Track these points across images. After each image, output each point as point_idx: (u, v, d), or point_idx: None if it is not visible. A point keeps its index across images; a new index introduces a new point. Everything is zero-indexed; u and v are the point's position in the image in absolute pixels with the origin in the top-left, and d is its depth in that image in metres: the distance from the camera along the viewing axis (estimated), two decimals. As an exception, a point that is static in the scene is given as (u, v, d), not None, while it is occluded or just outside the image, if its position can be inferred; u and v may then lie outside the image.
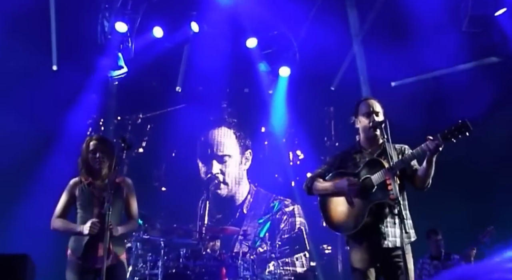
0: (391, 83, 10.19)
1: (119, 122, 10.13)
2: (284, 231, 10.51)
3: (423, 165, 4.09)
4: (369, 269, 4.24)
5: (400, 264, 4.05)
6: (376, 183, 4.19)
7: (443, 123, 4.00)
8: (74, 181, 4.91)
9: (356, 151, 4.52)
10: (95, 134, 5.12)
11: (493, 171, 8.99)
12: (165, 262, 7.10)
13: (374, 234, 4.19)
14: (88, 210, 4.75)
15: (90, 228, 4.56)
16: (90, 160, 4.82)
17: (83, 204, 4.79)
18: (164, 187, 10.44)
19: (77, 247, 4.68)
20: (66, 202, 4.87)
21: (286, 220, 10.64)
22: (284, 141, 11.31)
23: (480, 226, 7.33)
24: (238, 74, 10.59)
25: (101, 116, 9.73)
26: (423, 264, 7.55)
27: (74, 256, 4.68)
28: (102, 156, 4.82)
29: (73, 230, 4.73)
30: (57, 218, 4.84)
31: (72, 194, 4.85)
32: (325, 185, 4.47)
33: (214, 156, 10.91)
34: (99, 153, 4.81)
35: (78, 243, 4.69)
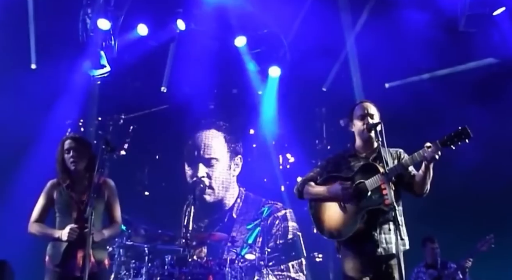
0: (385, 85, 10.24)
1: (100, 123, 10.01)
2: (277, 236, 10.48)
3: (421, 171, 4.10)
4: (361, 278, 4.24)
5: (394, 274, 4.07)
6: (370, 188, 4.20)
7: (439, 126, 4.03)
8: (51, 183, 4.84)
9: (350, 154, 4.53)
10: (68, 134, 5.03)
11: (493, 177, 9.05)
12: (149, 269, 7.03)
13: (368, 241, 4.20)
14: (66, 214, 4.68)
15: (68, 234, 4.50)
16: (66, 160, 4.77)
17: (62, 208, 4.72)
18: (147, 192, 10.32)
19: (55, 254, 4.61)
20: (44, 206, 4.79)
21: (278, 224, 10.61)
22: (274, 143, 11.30)
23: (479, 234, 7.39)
24: (226, 74, 10.57)
25: (81, 117, 9.63)
26: (418, 273, 7.58)
27: (52, 264, 4.62)
28: (77, 156, 4.74)
29: (51, 235, 4.66)
30: (34, 223, 4.75)
31: (49, 196, 4.78)
32: (318, 190, 4.48)
33: (201, 159, 10.84)
34: (74, 152, 4.74)
35: (56, 249, 4.62)
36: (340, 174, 4.45)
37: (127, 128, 10.25)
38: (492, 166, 8.98)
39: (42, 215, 4.81)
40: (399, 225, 3.78)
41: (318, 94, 10.73)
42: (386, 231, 4.20)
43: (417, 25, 8.70)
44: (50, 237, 4.68)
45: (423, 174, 4.09)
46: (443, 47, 8.84)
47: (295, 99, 11.06)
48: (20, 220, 5.21)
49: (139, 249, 7.37)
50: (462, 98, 8.46)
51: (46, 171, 5.12)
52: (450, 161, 4.04)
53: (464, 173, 8.51)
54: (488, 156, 8.81)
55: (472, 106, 8.38)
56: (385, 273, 4.18)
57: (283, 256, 9.72)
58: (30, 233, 4.79)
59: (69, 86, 9.12)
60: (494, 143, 8.77)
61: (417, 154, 4.04)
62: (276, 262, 9.22)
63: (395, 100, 9.11)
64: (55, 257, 4.62)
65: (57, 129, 8.43)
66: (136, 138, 10.25)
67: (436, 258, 7.54)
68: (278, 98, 10.78)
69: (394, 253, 3.98)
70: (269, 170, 11.09)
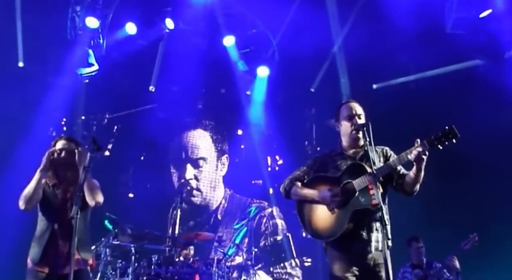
0: (373, 86, 10.25)
1: (83, 122, 9.91)
2: (267, 235, 10.44)
3: (413, 171, 4.09)
4: (348, 277, 4.22)
5: (380, 274, 4.06)
6: (358, 189, 4.17)
7: (427, 127, 4.01)
8: None
9: (336, 153, 4.51)
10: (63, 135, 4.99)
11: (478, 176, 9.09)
12: (135, 269, 7.00)
13: (355, 241, 4.18)
14: (49, 213, 4.64)
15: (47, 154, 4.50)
16: (56, 161, 4.74)
17: (45, 207, 4.67)
18: (131, 194, 10.20)
19: (37, 252, 4.55)
20: None
21: (266, 222, 10.57)
22: (262, 145, 11.26)
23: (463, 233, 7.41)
24: (214, 74, 10.54)
25: (65, 116, 9.50)
26: (404, 273, 7.57)
27: (33, 264, 4.56)
28: (68, 157, 4.71)
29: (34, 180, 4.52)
30: None
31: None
32: (305, 192, 4.44)
33: (189, 160, 10.77)
34: (66, 154, 4.71)
35: (38, 248, 4.56)
36: (327, 173, 4.43)
37: (111, 128, 10.16)
38: (476, 166, 9.02)
39: None
40: (385, 225, 3.76)
41: (307, 94, 10.71)
42: (373, 230, 4.18)
43: (405, 27, 8.71)
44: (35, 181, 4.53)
45: (414, 174, 4.07)
46: (431, 49, 8.86)
47: (283, 100, 11.06)
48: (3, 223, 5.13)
49: (125, 249, 7.31)
50: (449, 99, 8.48)
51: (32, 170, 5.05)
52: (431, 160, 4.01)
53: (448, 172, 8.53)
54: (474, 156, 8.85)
55: (459, 107, 8.41)
56: (372, 271, 4.17)
57: (272, 258, 9.66)
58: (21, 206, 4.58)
59: (57, 85, 9.04)
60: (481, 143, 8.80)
61: (405, 154, 4.03)
62: (265, 263, 9.13)
63: (383, 101, 9.14)
64: (36, 256, 4.55)
65: (44, 128, 8.34)
66: (120, 138, 10.14)
67: (421, 257, 7.53)
68: (266, 98, 10.76)
69: (381, 251, 3.95)
70: (258, 171, 11.04)
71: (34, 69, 8.82)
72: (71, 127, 9.46)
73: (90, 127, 9.89)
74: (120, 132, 10.25)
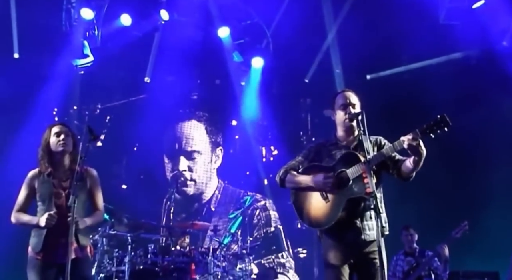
0: (367, 76, 10.27)
1: (75, 112, 9.85)
2: (260, 227, 10.44)
3: (409, 160, 4.11)
4: (343, 266, 4.25)
5: (375, 261, 4.08)
6: (352, 177, 4.20)
7: (420, 117, 4.03)
8: (32, 173, 4.81)
9: (331, 143, 4.53)
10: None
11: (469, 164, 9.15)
12: (132, 258, 7.03)
13: (349, 229, 4.21)
14: (48, 202, 4.66)
15: (47, 220, 4.48)
16: (53, 144, 4.74)
17: (43, 197, 4.70)
18: (124, 185, 10.15)
19: (37, 242, 4.60)
20: (26, 196, 4.78)
21: (259, 214, 10.58)
22: (257, 135, 11.26)
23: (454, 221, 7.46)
24: (209, 65, 10.52)
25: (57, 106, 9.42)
26: (397, 260, 7.63)
27: (34, 253, 4.61)
28: (67, 139, 4.76)
29: (30, 222, 4.66)
30: (16, 212, 4.76)
31: (31, 186, 4.76)
32: (300, 179, 4.47)
33: (182, 152, 10.72)
34: (65, 136, 4.76)
35: (38, 238, 4.61)
36: (321, 163, 4.45)
37: (103, 118, 10.09)
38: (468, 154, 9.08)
39: (24, 205, 4.80)
40: (379, 213, 3.79)
41: (301, 85, 10.69)
42: (368, 219, 4.22)
43: (399, 17, 8.72)
44: (30, 224, 4.67)
45: (411, 162, 4.09)
46: (424, 39, 8.86)
47: (278, 90, 11.05)
48: (3, 210, 5.15)
49: (122, 238, 7.33)
50: (443, 90, 8.49)
51: (28, 160, 5.06)
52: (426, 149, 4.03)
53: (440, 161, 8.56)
54: (467, 144, 8.90)
55: (453, 97, 8.44)
56: (366, 259, 4.20)
57: (263, 250, 9.67)
58: (13, 222, 4.79)
59: (52, 76, 9.00)
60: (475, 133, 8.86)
61: (397, 143, 4.05)
62: (256, 256, 9.15)
63: (377, 91, 9.15)
64: (36, 245, 4.61)
65: (39, 119, 8.30)
66: (113, 128, 10.07)
67: (412, 245, 7.60)
68: (261, 89, 10.74)
69: (375, 239, 3.99)
70: (252, 162, 11.02)
71: (29, 61, 8.77)
72: (63, 117, 9.38)
73: (82, 117, 9.82)
74: (113, 122, 10.17)
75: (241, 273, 7.68)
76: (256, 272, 8.30)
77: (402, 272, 7.48)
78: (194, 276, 7.15)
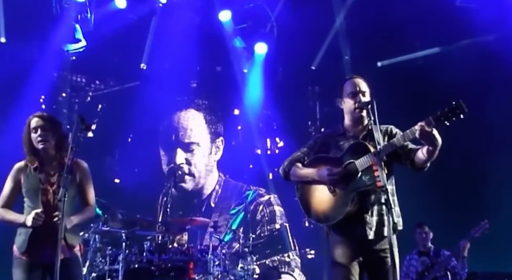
0: (378, 63, 10.22)
1: (65, 100, 9.79)
2: (264, 223, 10.40)
3: (422, 150, 4.07)
4: (352, 264, 4.21)
5: (386, 259, 4.05)
6: (360, 169, 4.15)
7: (435, 106, 3.98)
8: (18, 166, 4.75)
9: (339, 133, 4.49)
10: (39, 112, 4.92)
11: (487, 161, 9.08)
12: (126, 256, 7.01)
13: (358, 225, 4.17)
14: (35, 198, 4.61)
15: (33, 220, 4.42)
16: (33, 140, 4.69)
17: (29, 192, 4.65)
18: (117, 179, 10.10)
19: (22, 241, 4.56)
20: (11, 190, 4.71)
21: (262, 210, 10.53)
22: (261, 126, 11.22)
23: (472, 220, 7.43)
24: (209, 51, 10.44)
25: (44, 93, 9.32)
26: (410, 260, 7.60)
27: (19, 252, 4.57)
28: (45, 135, 4.66)
29: (16, 221, 4.60)
30: (1, 208, 4.69)
31: (16, 181, 4.71)
32: (305, 172, 4.44)
33: (179, 144, 10.64)
34: (42, 131, 4.66)
35: (23, 236, 4.56)
36: (328, 154, 4.41)
37: (95, 107, 10.02)
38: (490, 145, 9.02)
39: (9, 201, 4.73)
40: (391, 208, 3.74)
41: (308, 72, 10.66)
42: (378, 214, 4.17)
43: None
44: (15, 223, 4.62)
45: (424, 152, 4.05)
46: (439, 23, 8.81)
47: (283, 78, 10.99)
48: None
49: (116, 235, 7.32)
50: (458, 77, 8.42)
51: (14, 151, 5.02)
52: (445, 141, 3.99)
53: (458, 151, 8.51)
54: (486, 138, 8.85)
55: (470, 84, 8.38)
56: (377, 257, 4.16)
57: (268, 250, 9.64)
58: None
59: (41, 62, 8.96)
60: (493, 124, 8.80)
61: (409, 131, 4.01)
62: (260, 256, 9.12)
63: (388, 79, 9.11)
64: (22, 244, 4.56)
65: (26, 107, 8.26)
66: (105, 118, 10.00)
67: (427, 244, 7.57)
68: (265, 76, 10.70)
69: (387, 236, 3.95)
70: (256, 155, 10.99)
71: (16, 45, 8.73)
72: (51, 105, 9.33)
73: (72, 105, 9.77)
74: (105, 111, 10.09)
75: (242, 272, 7.67)
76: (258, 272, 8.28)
77: (416, 273, 7.45)
78: (193, 276, 7.15)
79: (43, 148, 4.68)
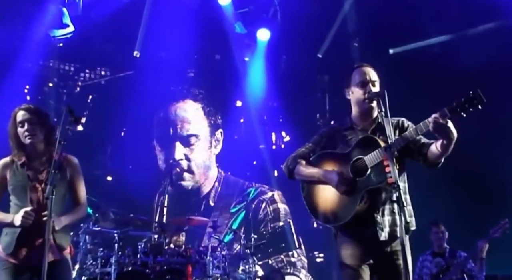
0: (390, 50, 10.21)
1: (51, 91, 9.76)
2: (267, 222, 10.37)
3: (436, 144, 4.07)
4: (361, 266, 4.21)
5: (398, 261, 4.06)
6: (370, 165, 4.14)
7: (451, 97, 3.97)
8: (3, 162, 4.76)
9: (346, 127, 4.47)
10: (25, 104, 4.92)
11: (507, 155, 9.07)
12: (119, 258, 7.02)
13: (368, 225, 4.16)
14: (22, 196, 4.62)
15: (22, 219, 4.43)
16: (20, 135, 4.70)
17: (17, 190, 4.65)
18: (109, 177, 10.10)
19: (9, 242, 4.55)
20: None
21: (266, 208, 10.50)
22: (265, 118, 11.20)
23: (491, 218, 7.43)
24: (208, 37, 10.44)
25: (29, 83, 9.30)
26: (424, 261, 7.61)
27: (5, 254, 4.56)
28: (32, 129, 4.66)
29: (2, 220, 4.61)
30: None
31: (2, 176, 4.71)
32: (311, 172, 4.43)
33: (178, 137, 10.61)
34: (28, 125, 4.67)
35: (9, 237, 4.56)
36: (335, 150, 4.41)
37: (84, 98, 9.99)
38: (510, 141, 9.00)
39: None
40: (403, 206, 3.73)
41: (315, 60, 10.63)
42: (389, 213, 4.17)
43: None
44: (1, 223, 4.63)
45: (438, 147, 4.04)
46: (456, 7, 8.79)
47: (288, 66, 10.96)
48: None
49: (107, 236, 7.32)
50: (474, 65, 8.40)
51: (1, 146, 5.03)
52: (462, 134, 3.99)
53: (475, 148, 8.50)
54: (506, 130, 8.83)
55: (488, 73, 8.36)
56: (388, 259, 4.16)
57: (271, 248, 9.63)
58: None
59: (26, 49, 8.96)
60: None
61: (423, 124, 3.98)
62: (263, 255, 9.11)
63: (401, 68, 9.10)
64: (8, 245, 4.55)
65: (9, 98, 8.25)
66: (96, 110, 9.97)
67: (442, 244, 7.58)
68: (268, 65, 10.68)
69: (399, 236, 3.95)
70: (260, 150, 10.97)
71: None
72: (36, 96, 9.31)
73: (60, 96, 9.74)
74: (96, 102, 10.07)
75: (244, 275, 7.68)
76: (261, 275, 8.30)
77: (429, 275, 7.46)
78: (190, 279, 7.16)
79: (31, 143, 4.69)
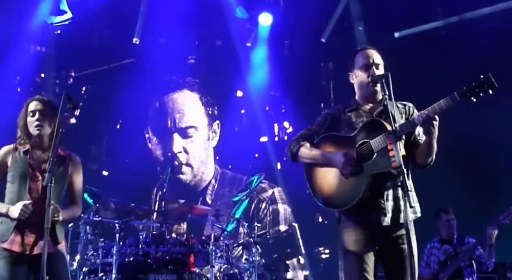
0: (395, 34, 10.18)
1: (43, 81, 9.71)
2: (266, 224, 10.25)
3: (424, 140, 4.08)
4: (366, 253, 4.22)
5: (403, 246, 4.07)
6: (376, 150, 4.13)
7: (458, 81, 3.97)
8: (6, 149, 4.78)
9: (351, 109, 4.46)
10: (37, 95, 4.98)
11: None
12: (120, 248, 7.04)
13: (373, 210, 4.15)
14: (20, 183, 4.64)
15: (21, 211, 4.45)
16: (29, 124, 4.74)
17: (16, 177, 4.66)
18: (105, 171, 10.06)
19: (5, 230, 4.57)
20: None
21: (265, 208, 10.44)
22: (268, 109, 11.15)
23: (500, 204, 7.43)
24: (208, 23, 10.42)
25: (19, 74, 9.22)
26: (431, 249, 7.61)
27: (1, 242, 4.58)
28: (43, 119, 4.72)
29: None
30: None
31: (2, 163, 4.73)
32: (315, 154, 4.41)
33: (176, 129, 10.59)
34: (40, 115, 4.72)
35: (6, 226, 4.57)
36: (340, 132, 4.41)
37: (78, 89, 9.92)
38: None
39: None
40: (407, 191, 3.74)
41: (319, 46, 10.57)
42: (394, 198, 4.16)
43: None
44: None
45: (424, 145, 4.07)
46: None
47: (291, 53, 10.90)
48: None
49: (108, 226, 7.34)
50: (482, 48, 8.38)
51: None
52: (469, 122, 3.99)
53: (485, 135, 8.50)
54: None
55: (499, 56, 8.32)
56: (393, 246, 4.15)
57: (276, 254, 9.58)
58: None
59: (22, 37, 8.95)
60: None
61: (431, 108, 3.99)
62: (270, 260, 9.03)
63: (406, 51, 9.07)
64: (5, 233, 4.57)
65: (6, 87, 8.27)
66: (91, 101, 9.91)
67: (452, 231, 7.57)
68: (270, 51, 10.64)
69: (403, 222, 3.96)
70: (262, 142, 10.91)
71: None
72: (28, 87, 9.28)
73: (52, 87, 9.69)
74: (90, 94, 10.01)
75: (247, 264, 7.69)
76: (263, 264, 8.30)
77: (437, 262, 7.45)
78: (193, 269, 7.17)
79: (39, 135, 4.74)
